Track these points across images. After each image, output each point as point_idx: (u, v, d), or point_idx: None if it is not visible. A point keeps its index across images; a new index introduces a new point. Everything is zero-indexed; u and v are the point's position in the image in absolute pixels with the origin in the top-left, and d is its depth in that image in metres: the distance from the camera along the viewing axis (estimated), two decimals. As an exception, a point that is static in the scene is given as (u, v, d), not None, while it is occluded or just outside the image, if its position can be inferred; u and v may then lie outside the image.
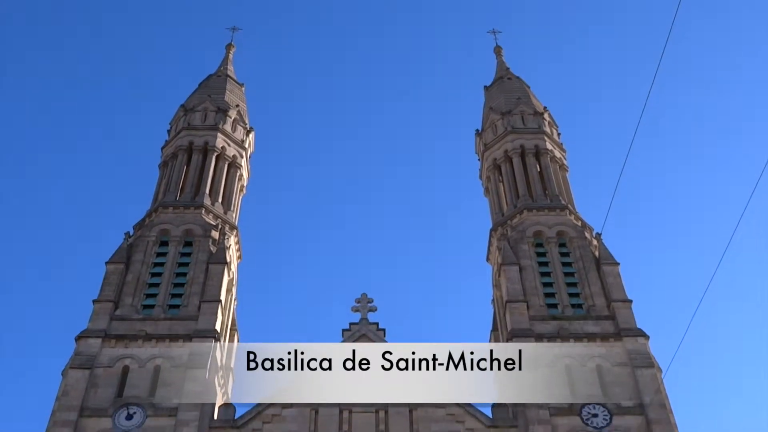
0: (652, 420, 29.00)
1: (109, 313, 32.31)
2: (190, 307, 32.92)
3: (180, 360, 30.72)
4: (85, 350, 30.85)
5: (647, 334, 31.98)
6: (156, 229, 36.37)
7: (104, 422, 28.70)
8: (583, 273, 34.91)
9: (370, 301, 34.17)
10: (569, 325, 32.48)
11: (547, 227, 37.12)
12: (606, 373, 30.77)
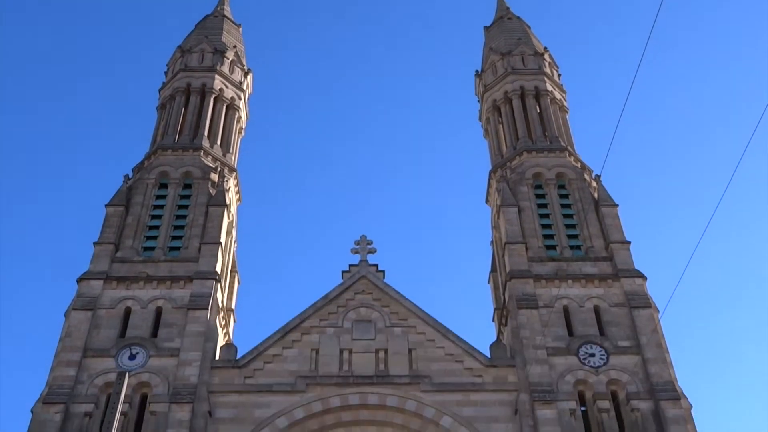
0: (649, 359, 29.40)
1: (109, 255, 32.50)
2: (191, 249, 33.10)
3: (181, 301, 31.01)
4: (87, 292, 31.12)
5: (645, 275, 32.25)
6: (155, 171, 36.35)
7: (107, 362, 29.10)
8: (581, 215, 35.04)
9: (369, 243, 34.33)
10: (567, 267, 32.71)
11: (546, 169, 37.11)
12: (603, 314, 31.11)
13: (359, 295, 32.14)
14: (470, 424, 28.04)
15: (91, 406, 27.89)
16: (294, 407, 28.57)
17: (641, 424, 27.92)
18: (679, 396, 28.35)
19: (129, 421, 27.86)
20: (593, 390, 28.77)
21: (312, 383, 29.18)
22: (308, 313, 31.35)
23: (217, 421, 28.06)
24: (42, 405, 27.65)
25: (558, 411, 27.88)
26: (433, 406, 28.58)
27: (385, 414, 28.81)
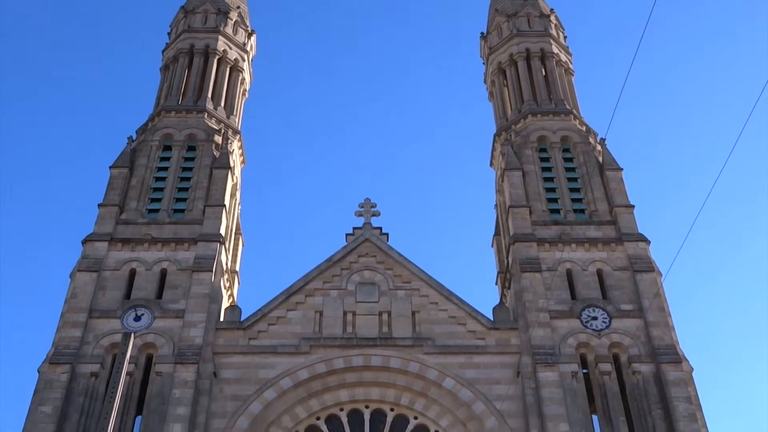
0: (651, 323, 29.55)
1: (114, 217, 32.59)
2: (195, 211, 33.18)
3: (186, 263, 31.15)
4: (92, 253, 31.27)
5: (648, 239, 32.27)
6: (159, 133, 36.31)
7: (113, 323, 29.33)
8: (586, 178, 34.97)
9: (373, 205, 34.34)
10: (571, 230, 32.73)
11: (551, 132, 36.97)
12: (607, 277, 31.21)
13: (363, 258, 32.25)
14: (472, 385, 28.30)
15: (97, 366, 28.18)
16: (298, 368, 28.82)
17: (642, 387, 28.15)
18: (681, 359, 28.54)
19: (135, 381, 28.18)
20: (595, 353, 28.96)
21: (316, 345, 29.41)
22: (312, 276, 31.50)
23: (222, 382, 28.35)
24: (48, 365, 27.94)
25: (560, 373, 28.09)
26: (436, 368, 28.82)
27: (388, 375, 29.07)
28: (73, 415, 27.03)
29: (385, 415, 28.76)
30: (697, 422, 26.93)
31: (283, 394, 28.30)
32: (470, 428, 27.82)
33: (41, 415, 26.63)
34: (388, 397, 28.92)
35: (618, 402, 27.97)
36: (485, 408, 27.78)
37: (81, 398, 27.44)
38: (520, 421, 27.44)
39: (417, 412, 28.63)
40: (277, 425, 28.07)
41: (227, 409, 27.74)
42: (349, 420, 28.64)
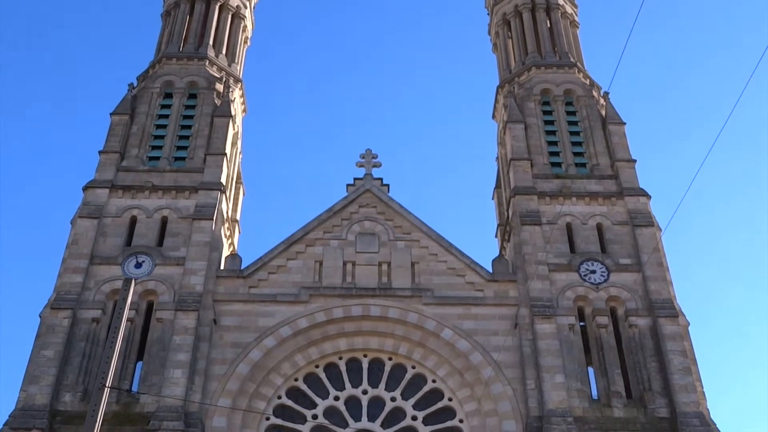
0: (649, 277, 29.71)
1: (115, 164, 32.57)
2: (196, 159, 33.14)
3: (186, 211, 31.22)
4: (92, 200, 31.32)
5: (649, 194, 32.29)
6: (160, 80, 36.09)
7: (114, 270, 29.50)
8: (588, 132, 34.87)
9: (374, 156, 34.28)
10: (572, 184, 32.73)
11: (554, 85, 36.75)
12: (606, 231, 31.29)
13: (363, 209, 32.31)
14: (470, 336, 28.57)
15: (98, 312, 28.41)
16: (298, 317, 29.07)
17: (638, 340, 28.41)
18: (677, 313, 28.75)
19: (136, 327, 28.45)
20: (592, 306, 29.17)
21: (315, 294, 29.62)
22: (312, 226, 31.59)
23: (222, 329, 28.62)
24: (50, 310, 28.17)
25: (557, 326, 28.33)
26: (434, 319, 29.06)
27: (387, 325, 29.32)
28: (74, 359, 27.35)
29: (383, 364, 29.08)
30: (692, 375, 27.24)
31: (282, 342, 28.59)
32: (467, 378, 28.15)
33: (43, 359, 26.94)
34: (386, 347, 29.21)
35: (614, 355, 28.26)
36: (482, 358, 28.08)
37: (82, 343, 27.73)
38: (516, 372, 27.76)
39: (415, 362, 28.94)
40: (276, 372, 28.41)
41: (227, 355, 28.03)
42: (348, 368, 28.97)
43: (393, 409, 28.10)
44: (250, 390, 27.73)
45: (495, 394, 27.50)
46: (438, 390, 28.54)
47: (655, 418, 26.59)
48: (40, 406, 25.87)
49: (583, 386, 27.38)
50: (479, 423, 27.46)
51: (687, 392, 26.75)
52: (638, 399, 27.29)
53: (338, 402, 28.19)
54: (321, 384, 28.60)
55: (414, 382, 28.69)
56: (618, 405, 26.95)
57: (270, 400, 28.03)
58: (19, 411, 25.83)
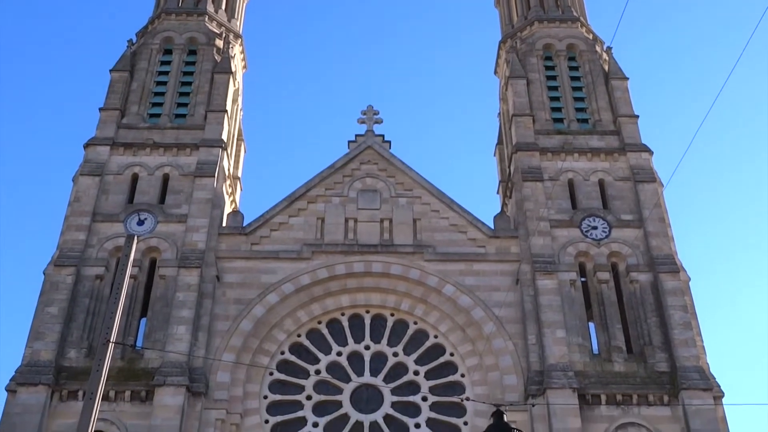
0: (650, 233, 29.75)
1: (115, 121, 32.47)
2: (196, 116, 33.02)
3: (188, 168, 31.19)
4: (94, 158, 31.27)
5: (651, 150, 32.19)
6: (159, 36, 35.79)
7: (116, 227, 29.57)
8: (591, 87, 34.67)
9: (375, 113, 34.12)
10: (574, 140, 32.62)
11: (557, 40, 36.43)
12: (608, 187, 31.27)
13: (365, 165, 32.25)
14: (472, 292, 28.71)
15: (101, 269, 28.54)
16: (300, 274, 29.19)
17: (639, 296, 28.55)
18: (678, 269, 28.84)
19: (139, 284, 28.61)
20: (594, 262, 29.27)
21: (317, 251, 29.71)
22: (314, 182, 31.57)
23: (225, 286, 28.76)
24: (54, 267, 28.30)
25: (558, 281, 28.45)
26: (436, 275, 29.18)
27: (389, 282, 29.45)
28: (79, 316, 27.55)
29: (385, 320, 29.28)
30: (692, 330, 27.42)
31: (285, 298, 28.75)
32: (469, 333, 28.35)
33: (48, 315, 27.14)
34: (388, 303, 29.38)
35: (615, 310, 28.42)
36: (484, 314, 28.25)
37: (86, 300, 27.91)
38: (518, 327, 27.95)
39: (417, 318, 29.13)
40: (279, 328, 28.61)
41: (230, 312, 28.22)
42: (350, 324, 29.18)
43: (395, 364, 28.35)
44: (254, 346, 27.96)
45: (496, 349, 27.72)
46: (440, 345, 28.76)
47: (655, 372, 26.83)
48: (46, 362, 26.12)
49: (584, 341, 27.57)
50: (480, 377, 27.73)
51: (687, 347, 26.95)
52: (638, 354, 27.51)
53: (341, 357, 28.43)
54: (324, 340, 28.82)
55: (416, 338, 28.91)
56: (618, 359, 27.17)
57: (273, 355, 28.27)
58: (25, 367, 26.09)
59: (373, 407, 27.51)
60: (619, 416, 25.93)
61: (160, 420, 25.04)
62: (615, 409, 26.06)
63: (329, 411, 27.42)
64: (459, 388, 27.90)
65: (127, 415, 25.54)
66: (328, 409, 27.50)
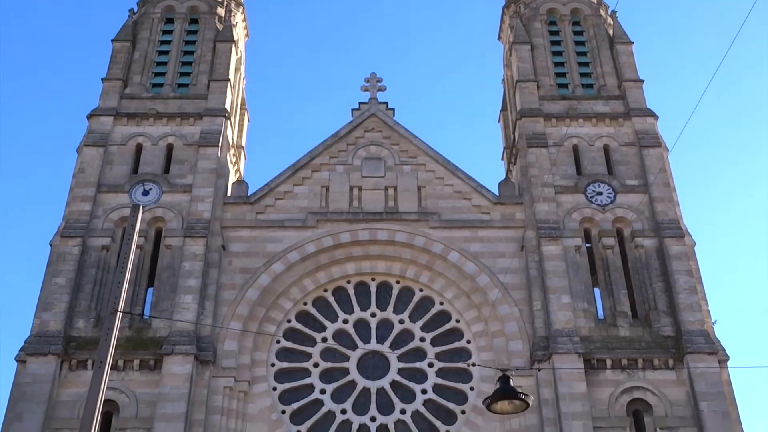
0: (655, 198, 29.71)
1: (118, 91, 32.39)
2: (199, 85, 32.92)
3: (192, 138, 31.16)
4: (97, 128, 31.24)
5: (656, 114, 32.06)
6: (160, 5, 35.56)
7: (121, 198, 29.62)
8: (595, 52, 34.44)
9: (379, 80, 33.96)
10: (579, 105, 32.47)
11: (561, 4, 36.11)
12: (613, 153, 31.19)
13: (369, 133, 32.17)
14: (477, 259, 28.77)
15: (107, 239, 28.64)
16: (305, 242, 29.25)
17: (645, 261, 28.59)
18: (683, 233, 28.85)
19: (145, 254, 28.72)
20: (599, 227, 29.28)
21: (322, 219, 29.74)
22: (318, 151, 31.52)
23: (231, 255, 28.85)
24: (60, 238, 28.39)
25: (563, 247, 28.48)
26: (441, 242, 29.22)
27: (394, 249, 29.51)
28: (86, 286, 27.69)
29: (391, 287, 29.39)
30: (697, 295, 27.50)
31: (290, 266, 28.84)
32: (474, 300, 28.46)
33: (55, 286, 27.28)
34: (394, 270, 29.47)
35: (620, 275, 28.48)
36: (489, 280, 28.33)
37: (93, 270, 28.03)
38: (523, 293, 28.05)
39: (422, 285, 29.22)
40: (285, 296, 28.75)
41: (236, 281, 28.34)
42: (356, 292, 29.30)
43: (401, 331, 28.51)
44: (260, 314, 28.12)
45: (502, 315, 27.84)
46: (445, 312, 28.89)
47: (660, 336, 26.95)
48: (55, 332, 26.32)
49: (590, 306, 27.68)
50: (486, 343, 27.88)
51: (692, 311, 27.04)
52: (644, 318, 27.62)
53: (347, 325, 28.59)
54: (330, 307, 28.97)
55: (422, 305, 29.04)
56: (623, 324, 27.28)
57: (280, 323, 28.44)
58: (35, 337, 26.29)
59: (379, 374, 27.72)
60: (624, 380, 26.09)
61: (168, 388, 25.27)
62: (620, 374, 26.21)
63: (336, 378, 27.64)
64: (465, 354, 28.07)
65: (136, 383, 25.77)
66: (335, 376, 27.72)
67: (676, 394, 25.83)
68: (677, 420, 25.44)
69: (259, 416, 26.58)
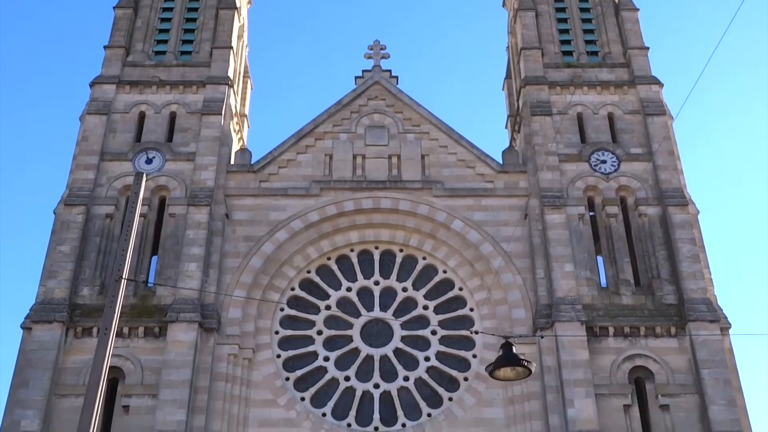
0: (659, 166, 29.64)
1: (121, 59, 32.23)
2: (202, 53, 32.76)
3: (194, 106, 31.06)
4: (100, 96, 31.14)
5: (661, 82, 31.85)
6: (162, -28, 35.26)
7: (125, 166, 29.60)
8: (601, 19, 34.16)
9: (382, 48, 33.76)
10: (583, 73, 32.26)
11: (566, -30, 35.73)
12: (617, 121, 31.06)
13: (372, 101, 32.04)
14: (480, 227, 28.78)
15: (111, 208, 28.68)
16: (309, 210, 29.26)
17: (648, 229, 28.59)
18: (687, 202, 28.81)
19: (149, 222, 28.78)
20: (603, 196, 29.24)
21: (326, 188, 29.73)
22: (321, 119, 31.42)
23: (234, 223, 28.90)
24: (64, 206, 28.45)
25: (567, 216, 28.47)
26: (445, 210, 29.22)
27: (398, 218, 29.53)
28: (90, 254, 27.79)
29: (394, 256, 29.45)
30: (700, 263, 27.53)
31: (294, 235, 28.89)
32: (477, 268, 28.52)
33: (60, 254, 27.38)
34: (397, 239, 29.51)
35: (623, 243, 28.49)
36: (492, 249, 28.36)
37: (97, 238, 28.12)
38: (526, 261, 28.09)
39: (426, 253, 29.28)
40: (289, 265, 28.83)
41: (240, 249, 28.41)
42: (360, 260, 29.37)
43: (405, 299, 28.62)
44: (264, 282, 28.22)
45: (505, 283, 27.91)
46: (449, 280, 28.97)
47: (662, 304, 27.02)
48: (60, 299, 26.46)
49: (592, 275, 27.73)
50: (489, 311, 27.99)
51: (695, 279, 27.08)
52: (646, 286, 27.68)
53: (351, 293, 28.70)
54: (333, 275, 29.06)
55: (425, 273, 29.11)
56: (626, 292, 27.35)
57: (284, 291, 28.55)
58: (40, 305, 26.44)
59: (383, 341, 27.88)
60: (626, 348, 26.22)
61: (173, 355, 25.45)
62: (622, 341, 26.33)
63: (340, 345, 27.81)
64: (468, 322, 28.18)
65: (141, 350, 25.97)
66: (338, 343, 27.88)
67: (678, 361, 25.97)
68: (678, 387, 25.60)
69: (264, 383, 26.78)
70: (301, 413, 26.34)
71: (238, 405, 26.09)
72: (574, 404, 24.79)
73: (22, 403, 24.63)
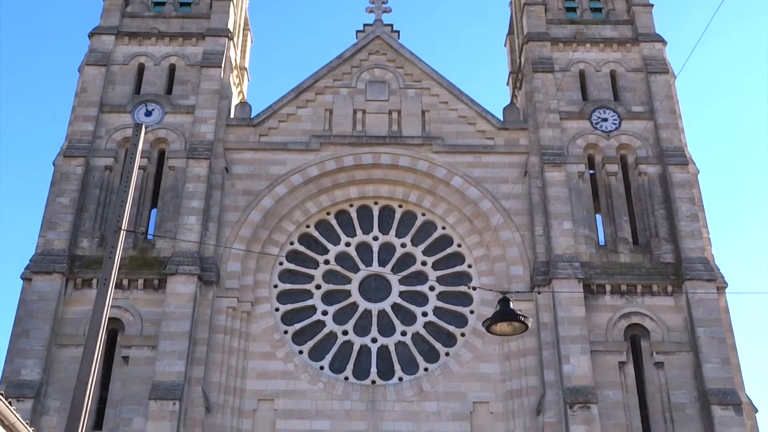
0: (661, 125, 29.53)
1: (119, 10, 31.91)
2: (201, 5, 32.42)
3: (194, 59, 30.83)
4: (99, 47, 30.89)
5: (665, 40, 31.58)
6: None
7: (124, 118, 29.48)
8: (605, -25, 33.72)
9: (384, 1, 33.41)
10: (586, 29, 31.98)
11: (571, -76, 35.19)
12: (620, 78, 30.86)
13: (373, 56, 31.80)
14: (480, 184, 28.78)
15: (110, 160, 28.64)
16: (308, 165, 29.23)
17: (648, 188, 28.58)
18: (687, 161, 28.77)
19: (148, 175, 28.76)
20: (603, 154, 29.17)
21: (326, 142, 29.65)
22: (322, 73, 31.21)
23: (234, 177, 28.88)
24: (63, 158, 28.40)
25: (566, 173, 28.44)
26: (444, 167, 29.19)
27: (397, 173, 29.50)
28: (90, 206, 27.81)
29: (393, 211, 29.49)
30: (699, 222, 27.57)
31: (293, 189, 28.88)
32: (476, 225, 28.57)
33: (59, 206, 27.40)
34: (396, 195, 29.51)
35: (622, 202, 28.51)
36: (492, 206, 28.39)
37: (97, 190, 28.12)
38: (525, 219, 28.15)
39: (425, 209, 29.31)
40: (288, 219, 28.87)
41: (239, 203, 28.43)
42: (359, 215, 29.41)
43: (403, 254, 28.72)
44: (263, 236, 28.29)
45: (503, 240, 27.99)
46: (447, 236, 29.05)
47: (660, 263, 27.13)
48: (59, 251, 26.55)
49: (591, 233, 27.80)
50: (487, 268, 28.11)
51: (693, 238, 27.16)
52: (644, 245, 27.76)
53: (349, 248, 28.79)
54: (332, 230, 29.13)
55: (424, 229, 29.18)
56: (624, 251, 27.44)
57: (283, 245, 28.64)
58: (39, 256, 26.54)
59: (381, 296, 28.05)
60: (623, 306, 26.39)
61: (173, 307, 25.62)
62: (619, 299, 26.50)
63: (338, 300, 27.99)
64: (466, 278, 28.33)
65: (140, 302, 26.14)
66: (337, 297, 28.05)
67: (674, 320, 26.16)
68: (673, 345, 25.82)
69: (262, 336, 27.00)
70: (299, 366, 26.60)
71: (237, 357, 26.34)
72: (570, 360, 25.02)
73: (23, 353, 24.87)
